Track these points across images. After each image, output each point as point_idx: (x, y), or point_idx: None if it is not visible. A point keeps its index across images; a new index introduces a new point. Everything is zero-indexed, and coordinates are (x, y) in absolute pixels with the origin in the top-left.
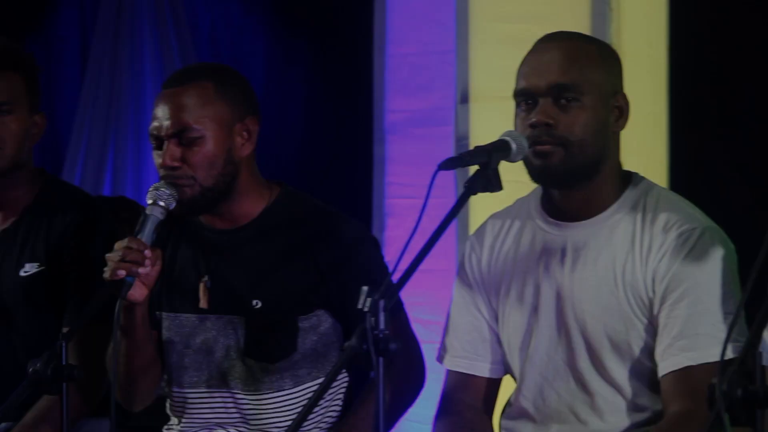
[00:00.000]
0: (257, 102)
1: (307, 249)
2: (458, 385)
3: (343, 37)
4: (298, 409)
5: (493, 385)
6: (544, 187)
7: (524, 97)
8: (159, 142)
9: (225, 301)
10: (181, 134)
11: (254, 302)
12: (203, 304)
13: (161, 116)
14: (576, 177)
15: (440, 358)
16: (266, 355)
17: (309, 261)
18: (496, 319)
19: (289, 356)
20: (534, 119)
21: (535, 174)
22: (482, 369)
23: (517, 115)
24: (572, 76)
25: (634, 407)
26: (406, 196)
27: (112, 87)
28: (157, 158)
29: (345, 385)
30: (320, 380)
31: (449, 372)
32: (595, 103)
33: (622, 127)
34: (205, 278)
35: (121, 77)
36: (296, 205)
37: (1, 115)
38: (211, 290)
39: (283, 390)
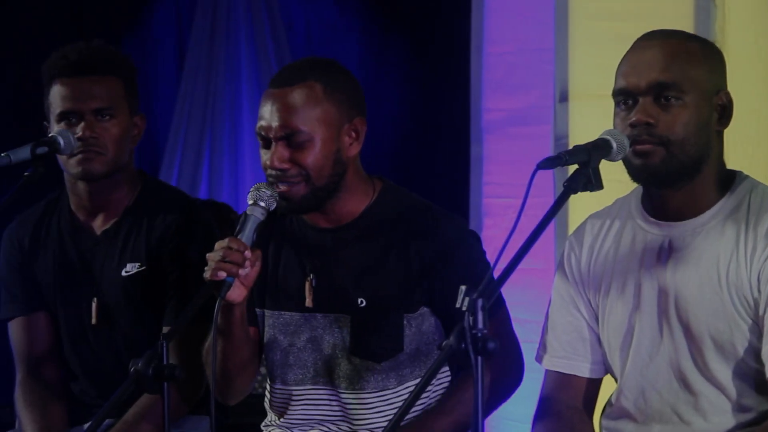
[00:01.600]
0: (364, 100)
1: (409, 246)
2: (558, 386)
3: (440, 36)
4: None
5: (594, 385)
6: (644, 186)
7: (624, 96)
8: (267, 142)
9: (330, 299)
10: (291, 137)
11: (359, 300)
12: (309, 303)
13: (269, 117)
14: (677, 176)
15: (539, 358)
16: (372, 354)
17: (412, 258)
18: (597, 319)
19: (395, 356)
20: (634, 118)
21: (635, 173)
22: (582, 369)
23: (616, 114)
24: (673, 75)
25: (738, 408)
26: (503, 195)
27: (208, 87)
28: (263, 156)
29: (446, 381)
30: None
31: (548, 372)
32: (697, 102)
33: (726, 125)
34: (311, 277)
35: (217, 77)
36: (398, 201)
37: (102, 120)
38: (316, 289)
39: (388, 389)
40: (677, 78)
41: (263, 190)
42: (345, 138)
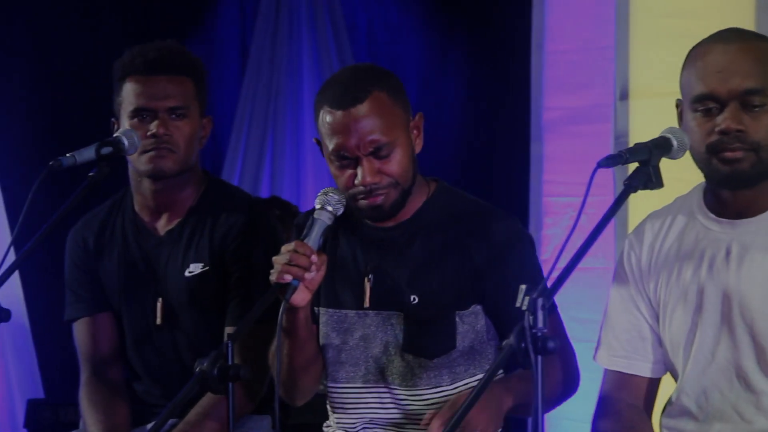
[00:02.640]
0: None
1: (463, 245)
2: (617, 385)
3: (500, 35)
4: None
5: (653, 384)
6: (720, 188)
7: (707, 103)
8: (348, 161)
9: (384, 297)
10: (378, 151)
11: (412, 297)
12: (367, 302)
13: (349, 136)
14: (760, 178)
15: (598, 357)
16: (424, 351)
17: (465, 257)
18: (657, 318)
19: (447, 353)
20: (724, 126)
21: (720, 179)
22: (642, 368)
23: (694, 119)
24: (759, 80)
25: None
26: (563, 194)
27: (271, 87)
28: (341, 176)
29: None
30: (477, 377)
31: (608, 371)
32: None
33: None
34: (370, 277)
35: (280, 77)
36: (453, 200)
37: (176, 119)
38: (374, 288)
39: (441, 386)
40: (763, 83)
41: (331, 194)
42: (411, 136)
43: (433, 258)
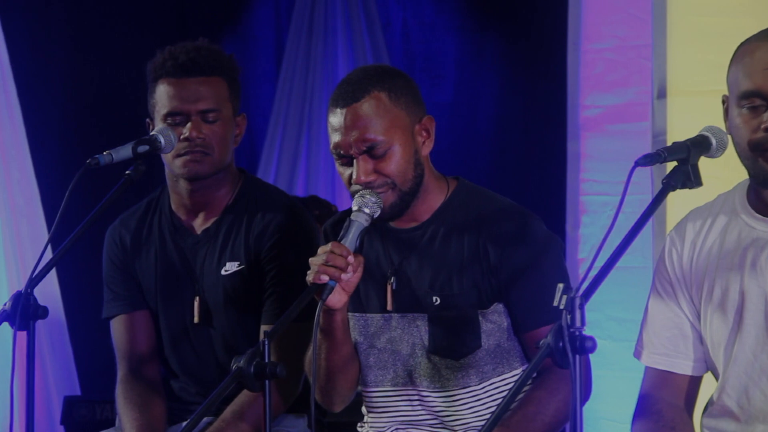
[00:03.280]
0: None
1: (482, 243)
2: (658, 383)
3: (536, 33)
4: (485, 404)
5: (694, 382)
6: (762, 186)
7: (753, 99)
8: (346, 159)
9: (408, 299)
10: (371, 150)
11: (434, 299)
12: (389, 305)
13: (345, 134)
14: None
15: (639, 355)
16: (450, 351)
17: (484, 255)
18: (698, 316)
19: (473, 352)
20: None
21: (764, 178)
22: (683, 367)
23: (739, 115)
24: None
25: None
26: (600, 193)
27: (306, 85)
28: (344, 172)
29: (529, 382)
30: (506, 376)
31: (648, 369)
32: None
33: None
34: (392, 280)
35: (315, 76)
36: (473, 199)
37: (208, 121)
38: (396, 291)
39: (469, 386)
40: None
41: (368, 196)
42: (418, 138)
43: (452, 258)
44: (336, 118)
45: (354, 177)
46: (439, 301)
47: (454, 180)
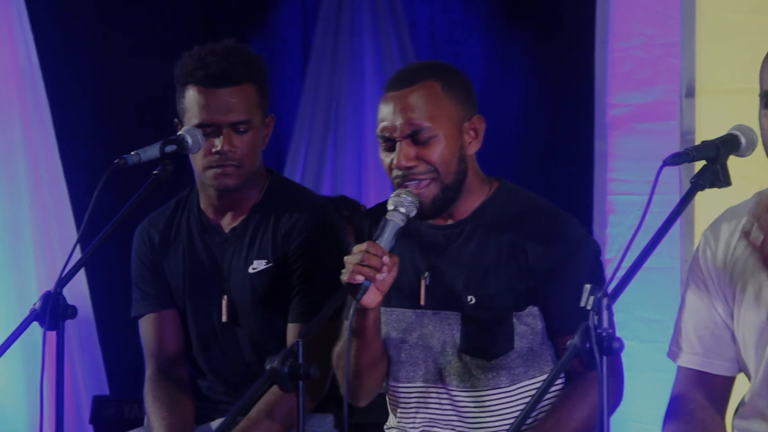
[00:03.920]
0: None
1: (521, 245)
2: (691, 384)
3: (564, 31)
4: (514, 407)
5: (727, 383)
6: None
7: None
8: (390, 144)
9: (442, 297)
10: (416, 134)
11: (469, 298)
12: (422, 301)
13: (392, 118)
14: None
15: (672, 354)
16: (482, 352)
17: (522, 257)
18: (732, 316)
19: (505, 353)
20: None
21: None
22: (717, 367)
23: (765, 116)
24: None
25: None
26: (628, 192)
27: (332, 85)
28: (386, 158)
29: (560, 384)
30: (537, 379)
31: (681, 369)
32: None
33: None
34: (426, 275)
35: (341, 75)
36: (513, 200)
37: (240, 132)
38: (429, 287)
39: (499, 387)
40: None
41: (404, 196)
42: (465, 136)
43: (490, 258)
44: (386, 102)
45: (395, 161)
46: (474, 301)
47: (496, 181)
